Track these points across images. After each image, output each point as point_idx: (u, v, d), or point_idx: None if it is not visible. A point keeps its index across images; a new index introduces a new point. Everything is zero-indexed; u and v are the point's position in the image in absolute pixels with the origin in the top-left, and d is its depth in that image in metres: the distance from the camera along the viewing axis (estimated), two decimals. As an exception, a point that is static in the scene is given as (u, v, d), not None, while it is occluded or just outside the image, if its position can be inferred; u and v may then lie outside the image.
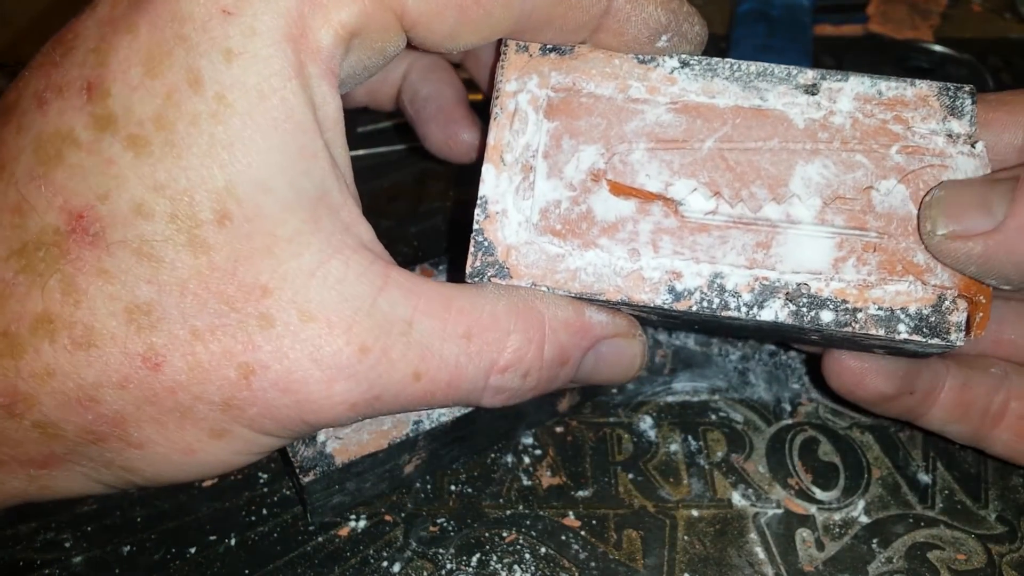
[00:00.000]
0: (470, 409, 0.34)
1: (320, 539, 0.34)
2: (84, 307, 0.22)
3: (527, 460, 0.37)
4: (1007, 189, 0.25)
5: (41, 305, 0.22)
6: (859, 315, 0.26)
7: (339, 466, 0.32)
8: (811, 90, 0.27)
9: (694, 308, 0.26)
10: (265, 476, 0.36)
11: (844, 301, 0.26)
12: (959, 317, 0.26)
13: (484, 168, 0.28)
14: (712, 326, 0.29)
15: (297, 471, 0.32)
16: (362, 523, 0.35)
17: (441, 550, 0.34)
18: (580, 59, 0.28)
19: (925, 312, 0.26)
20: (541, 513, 0.35)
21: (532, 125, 0.28)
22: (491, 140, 0.28)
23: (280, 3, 0.23)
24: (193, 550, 0.34)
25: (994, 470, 0.37)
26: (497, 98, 0.28)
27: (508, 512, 0.35)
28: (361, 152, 0.52)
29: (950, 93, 0.27)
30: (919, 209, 0.27)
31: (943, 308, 0.26)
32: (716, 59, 0.28)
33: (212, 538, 0.34)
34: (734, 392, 0.40)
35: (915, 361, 0.32)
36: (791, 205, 0.26)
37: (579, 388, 0.38)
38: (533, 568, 0.34)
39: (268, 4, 0.23)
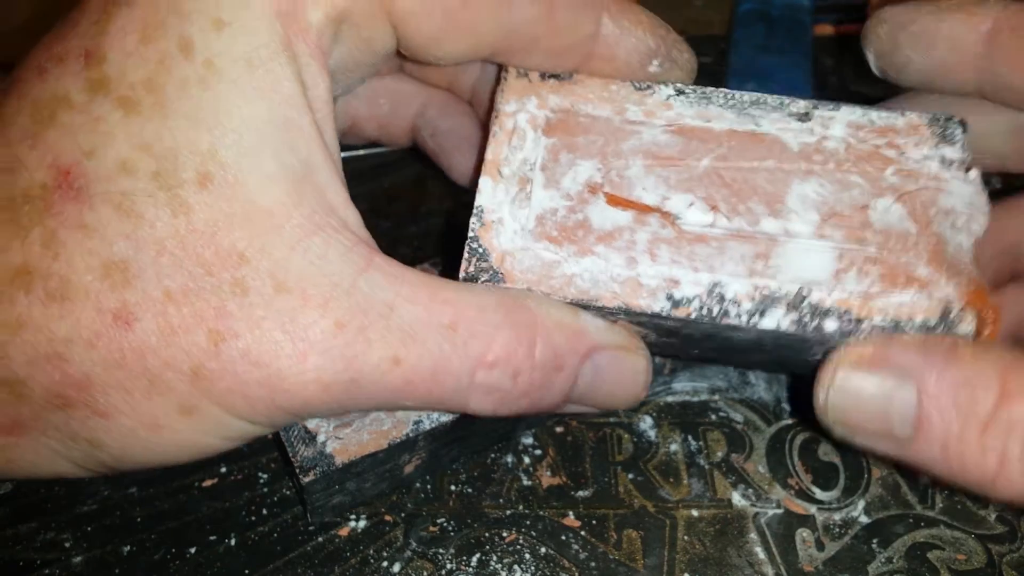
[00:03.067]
0: None
1: (320, 539, 0.34)
2: (62, 260, 0.22)
3: (527, 460, 0.37)
4: (908, 415, 0.25)
5: (21, 257, 0.22)
6: (863, 325, 0.25)
7: (339, 466, 0.32)
8: (804, 118, 0.28)
9: (693, 316, 0.26)
10: (265, 476, 0.36)
11: (847, 311, 0.25)
12: (967, 328, 0.25)
13: (481, 180, 0.28)
14: (712, 345, 0.28)
15: (297, 471, 0.32)
16: (362, 523, 0.35)
17: (441, 550, 0.34)
18: (578, 84, 0.29)
19: (931, 323, 0.25)
20: (541, 513, 0.35)
21: (530, 141, 0.28)
22: (489, 155, 0.28)
23: None
24: (193, 550, 0.34)
25: (994, 470, 0.37)
26: (496, 118, 0.29)
27: (508, 512, 0.35)
28: (361, 152, 0.52)
29: (940, 123, 0.28)
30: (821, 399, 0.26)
31: (950, 318, 0.25)
32: (711, 88, 0.29)
33: (212, 538, 0.34)
34: (734, 392, 0.40)
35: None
36: (789, 220, 0.26)
37: None
38: (533, 568, 0.34)
39: None
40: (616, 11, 0.30)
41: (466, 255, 0.27)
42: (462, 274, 0.27)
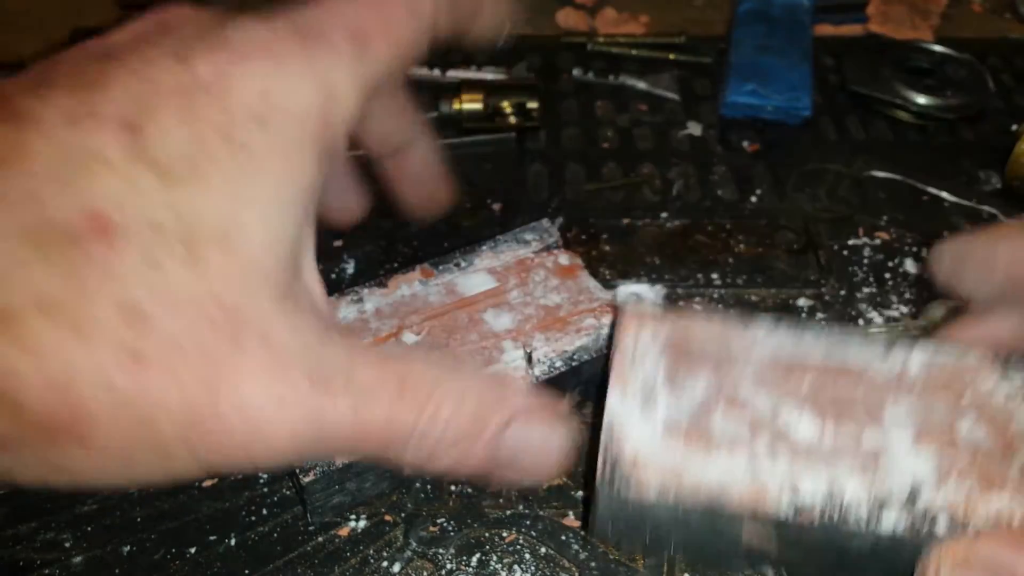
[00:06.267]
0: None
1: (320, 539, 0.34)
2: (85, 298, 0.23)
3: (527, 460, 0.37)
4: None
5: (46, 287, 0.23)
6: (969, 526, 0.27)
7: (339, 466, 0.32)
8: (884, 355, 0.31)
9: (816, 523, 0.28)
10: (265, 476, 0.36)
11: (954, 514, 0.27)
12: None
13: (609, 394, 0.30)
14: (826, 560, 0.30)
15: (297, 471, 0.32)
16: (362, 523, 0.35)
17: (441, 550, 0.34)
18: (687, 317, 0.32)
19: None
20: (541, 513, 0.35)
21: (650, 360, 0.31)
22: (615, 369, 0.30)
23: (306, 89, 0.26)
24: (193, 550, 0.34)
25: (994, 470, 0.37)
26: (619, 340, 0.31)
27: (508, 512, 0.35)
28: (362, 151, 0.52)
29: (1000, 361, 0.31)
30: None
31: None
32: (801, 325, 0.32)
33: (212, 538, 0.34)
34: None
35: None
36: (888, 433, 0.29)
37: (580, 388, 0.38)
38: (533, 568, 0.34)
39: (300, 95, 0.26)
40: None
41: (600, 460, 0.29)
42: (598, 477, 0.28)
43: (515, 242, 0.41)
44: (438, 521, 0.35)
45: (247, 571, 0.33)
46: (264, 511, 0.35)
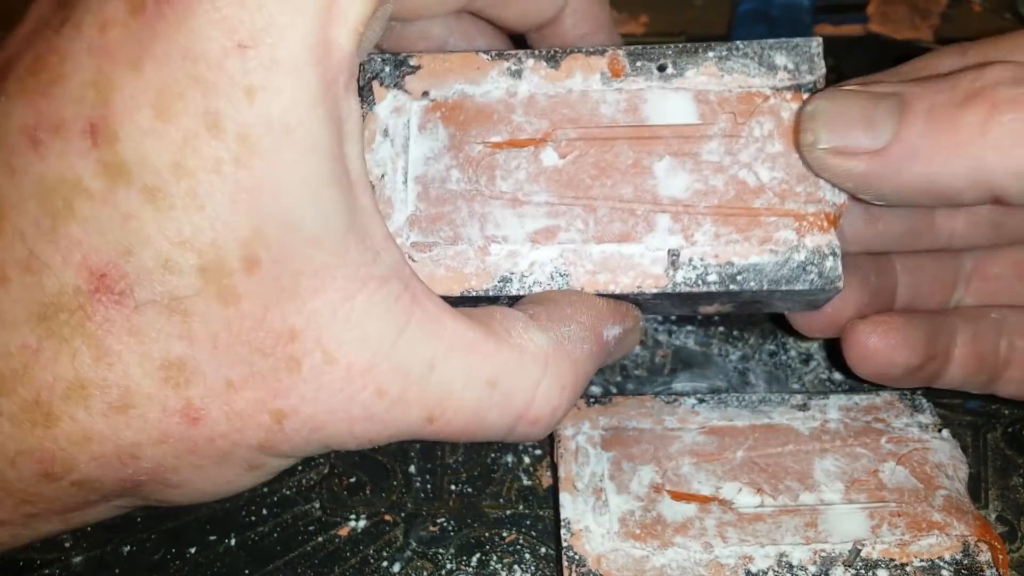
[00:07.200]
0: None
1: (320, 539, 0.34)
2: (117, 369, 0.22)
3: (527, 460, 0.37)
4: (893, 109, 0.25)
5: (72, 371, 0.21)
6: (907, 568, 0.30)
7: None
8: (803, 408, 0.34)
9: None
10: (265, 476, 0.36)
11: (892, 560, 0.30)
12: (985, 556, 0.30)
13: (561, 496, 0.31)
14: None
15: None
16: (362, 523, 0.35)
17: (441, 550, 0.34)
18: (619, 405, 0.34)
19: (958, 557, 0.30)
20: (541, 513, 0.35)
21: (593, 457, 0.32)
22: (562, 474, 0.32)
23: (299, 26, 0.21)
24: (193, 550, 0.34)
25: (994, 470, 0.37)
26: (559, 442, 0.33)
27: (508, 512, 0.35)
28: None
29: (908, 397, 0.34)
30: (797, 120, 0.28)
31: (970, 551, 0.30)
32: (724, 394, 0.35)
33: (212, 538, 0.34)
34: (734, 392, 0.40)
35: (931, 323, 0.33)
36: (821, 492, 0.31)
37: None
38: (533, 568, 0.34)
39: (287, 30, 0.21)
40: None
41: (565, 563, 0.30)
42: None
43: (755, 61, 0.29)
44: (438, 521, 0.35)
45: (247, 571, 0.33)
46: (264, 511, 0.35)
